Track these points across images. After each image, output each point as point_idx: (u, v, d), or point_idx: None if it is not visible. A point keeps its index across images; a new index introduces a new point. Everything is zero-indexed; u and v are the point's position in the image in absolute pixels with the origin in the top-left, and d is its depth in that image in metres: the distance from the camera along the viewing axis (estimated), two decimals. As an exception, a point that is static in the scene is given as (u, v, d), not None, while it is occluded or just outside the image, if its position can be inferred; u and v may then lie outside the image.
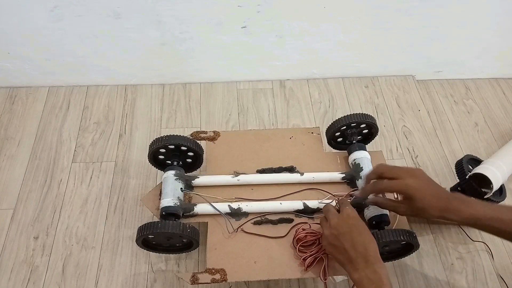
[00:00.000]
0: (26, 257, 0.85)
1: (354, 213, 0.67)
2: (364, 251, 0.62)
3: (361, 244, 0.63)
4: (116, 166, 1.00)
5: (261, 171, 0.83)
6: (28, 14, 0.96)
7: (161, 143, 0.77)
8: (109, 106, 1.12)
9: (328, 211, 0.70)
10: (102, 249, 0.87)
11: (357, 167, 0.81)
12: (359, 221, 0.66)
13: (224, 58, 1.12)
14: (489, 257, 0.89)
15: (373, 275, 0.60)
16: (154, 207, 0.78)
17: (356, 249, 0.63)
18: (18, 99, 1.12)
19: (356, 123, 0.83)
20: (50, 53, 1.06)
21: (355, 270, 0.62)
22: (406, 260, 0.85)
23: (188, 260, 0.86)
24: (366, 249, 0.62)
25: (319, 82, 1.20)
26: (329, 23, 1.05)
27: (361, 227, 0.65)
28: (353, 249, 0.63)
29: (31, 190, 0.95)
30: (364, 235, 0.64)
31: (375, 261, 0.61)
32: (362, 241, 0.63)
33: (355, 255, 0.62)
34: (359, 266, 0.61)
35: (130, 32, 1.02)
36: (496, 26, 1.10)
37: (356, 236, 0.64)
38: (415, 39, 1.12)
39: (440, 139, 1.09)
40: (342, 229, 0.65)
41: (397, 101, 1.17)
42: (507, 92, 1.22)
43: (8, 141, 1.03)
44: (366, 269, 0.61)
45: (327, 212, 0.70)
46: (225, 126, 1.09)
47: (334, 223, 0.67)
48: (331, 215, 0.68)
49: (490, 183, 0.82)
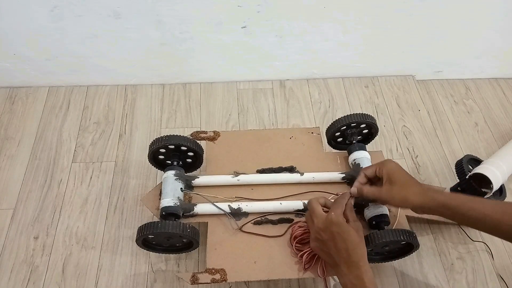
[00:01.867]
0: (26, 257, 0.85)
1: (338, 219, 0.65)
2: (347, 257, 0.63)
3: (344, 250, 0.63)
4: (116, 166, 1.00)
5: (261, 171, 0.83)
6: (28, 14, 0.96)
7: (161, 143, 0.77)
8: (109, 106, 1.12)
9: (313, 211, 0.68)
10: (102, 249, 0.87)
11: (357, 167, 0.81)
12: (343, 226, 0.64)
13: (224, 58, 1.12)
14: (489, 257, 0.89)
15: (356, 280, 0.62)
16: (154, 207, 0.78)
17: (339, 255, 0.64)
18: (18, 99, 1.12)
19: (356, 123, 0.83)
20: (50, 53, 1.06)
21: (339, 275, 0.65)
22: (406, 260, 0.85)
23: (188, 260, 0.86)
24: (349, 255, 0.63)
25: (319, 82, 1.20)
26: (329, 23, 1.05)
27: (345, 233, 0.64)
28: (337, 255, 0.64)
29: (31, 190, 0.95)
30: (349, 241, 0.64)
31: (358, 265, 0.62)
32: (345, 247, 0.63)
33: (338, 261, 0.64)
34: (343, 271, 0.64)
35: (130, 32, 1.02)
36: (496, 26, 1.10)
37: (339, 243, 0.64)
38: (415, 39, 1.12)
39: (440, 139, 1.09)
40: (326, 235, 0.65)
41: (397, 101, 1.17)
42: (507, 92, 1.22)
43: (8, 141, 1.03)
44: (350, 274, 0.63)
45: (312, 212, 0.69)
46: (225, 126, 1.09)
47: (318, 228, 0.66)
48: (316, 217, 0.67)
49: (490, 183, 0.82)
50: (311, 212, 0.69)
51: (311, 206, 0.70)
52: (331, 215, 0.65)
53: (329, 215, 0.66)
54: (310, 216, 0.69)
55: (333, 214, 0.65)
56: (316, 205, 0.69)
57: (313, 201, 0.70)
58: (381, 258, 0.77)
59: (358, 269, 0.62)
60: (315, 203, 0.69)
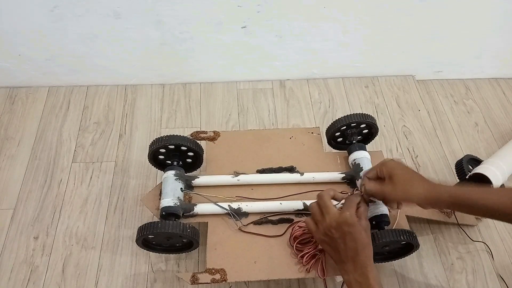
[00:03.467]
0: (26, 257, 0.85)
1: (352, 219, 0.64)
2: (355, 256, 0.63)
3: (353, 249, 0.63)
4: (116, 166, 1.00)
5: (261, 171, 0.83)
6: (28, 14, 0.96)
7: (161, 143, 0.77)
8: (109, 106, 1.12)
9: (325, 207, 0.66)
10: (102, 249, 0.87)
11: (357, 167, 0.81)
12: (355, 227, 0.64)
13: (224, 58, 1.12)
14: (489, 257, 0.89)
15: (362, 278, 0.62)
16: (154, 207, 0.78)
17: (347, 253, 0.64)
18: (18, 99, 1.12)
19: (356, 123, 0.83)
20: (50, 53, 1.06)
21: (345, 272, 0.65)
22: (406, 260, 0.85)
23: (188, 260, 0.86)
24: (357, 254, 0.63)
25: (319, 82, 1.20)
26: (329, 23, 1.05)
27: (356, 233, 0.64)
28: (344, 253, 0.64)
29: (31, 190, 0.95)
30: (359, 241, 0.63)
31: (365, 265, 0.63)
32: (354, 247, 0.63)
33: (345, 258, 0.64)
34: (349, 269, 0.64)
35: (130, 32, 1.02)
36: (496, 26, 1.10)
37: (349, 242, 0.64)
38: (415, 39, 1.12)
39: (440, 139, 1.09)
40: (337, 233, 0.64)
41: (397, 101, 1.17)
42: (507, 92, 1.22)
43: (8, 141, 1.03)
44: (355, 272, 0.63)
45: (324, 207, 0.66)
46: (225, 126, 1.09)
47: (329, 225, 0.65)
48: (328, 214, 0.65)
49: (490, 183, 0.82)
50: (323, 207, 0.67)
51: (323, 201, 0.67)
52: (346, 215, 0.64)
53: (344, 214, 0.64)
54: (320, 211, 0.67)
55: (348, 214, 0.64)
56: (328, 201, 0.67)
57: (325, 196, 0.67)
58: (381, 258, 0.77)
59: (365, 268, 0.63)
60: (328, 199, 0.67)
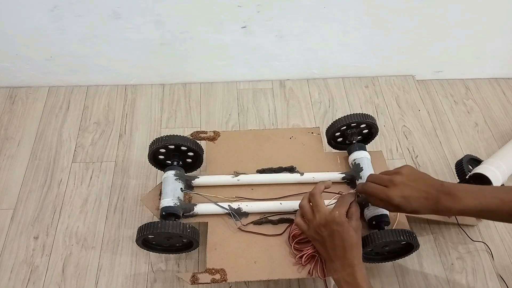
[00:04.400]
0: (26, 257, 0.85)
1: (341, 218, 0.65)
2: (342, 255, 0.64)
3: (341, 248, 0.64)
4: (116, 166, 1.00)
5: (261, 171, 0.83)
6: (28, 14, 0.96)
7: (161, 143, 0.77)
8: (109, 106, 1.12)
9: (316, 205, 0.67)
10: (102, 249, 0.87)
11: (357, 167, 0.81)
12: (343, 226, 0.64)
13: (224, 58, 1.12)
14: (489, 257, 0.89)
15: (350, 278, 0.63)
16: (154, 207, 0.78)
17: (335, 252, 0.65)
18: (18, 99, 1.12)
19: (356, 123, 0.83)
20: (50, 53, 1.06)
21: (334, 271, 0.66)
22: (406, 260, 0.85)
23: (188, 260, 0.86)
24: (345, 253, 0.64)
25: (319, 82, 1.20)
26: (329, 23, 1.05)
27: (344, 233, 0.64)
28: (333, 251, 0.65)
29: (31, 190, 0.95)
30: (346, 241, 0.64)
31: (353, 264, 0.63)
32: (342, 245, 0.64)
33: (334, 257, 0.65)
34: (337, 267, 0.65)
35: (130, 32, 1.02)
36: (496, 26, 1.10)
37: (337, 241, 0.64)
38: (415, 39, 1.12)
39: (440, 139, 1.09)
40: (326, 231, 0.65)
41: (397, 101, 1.17)
42: (507, 92, 1.22)
43: (8, 141, 1.03)
44: (343, 271, 0.64)
45: (315, 206, 0.67)
46: (225, 126, 1.09)
47: (319, 223, 0.66)
48: (319, 212, 0.66)
49: (490, 183, 0.82)
50: (314, 205, 0.68)
51: (314, 199, 0.68)
52: (334, 213, 0.65)
53: (333, 212, 0.65)
54: (310, 209, 0.68)
55: (337, 213, 0.65)
56: (319, 199, 0.68)
57: (317, 195, 0.68)
58: (381, 258, 0.77)
59: (352, 268, 0.63)
60: (319, 197, 0.68)
